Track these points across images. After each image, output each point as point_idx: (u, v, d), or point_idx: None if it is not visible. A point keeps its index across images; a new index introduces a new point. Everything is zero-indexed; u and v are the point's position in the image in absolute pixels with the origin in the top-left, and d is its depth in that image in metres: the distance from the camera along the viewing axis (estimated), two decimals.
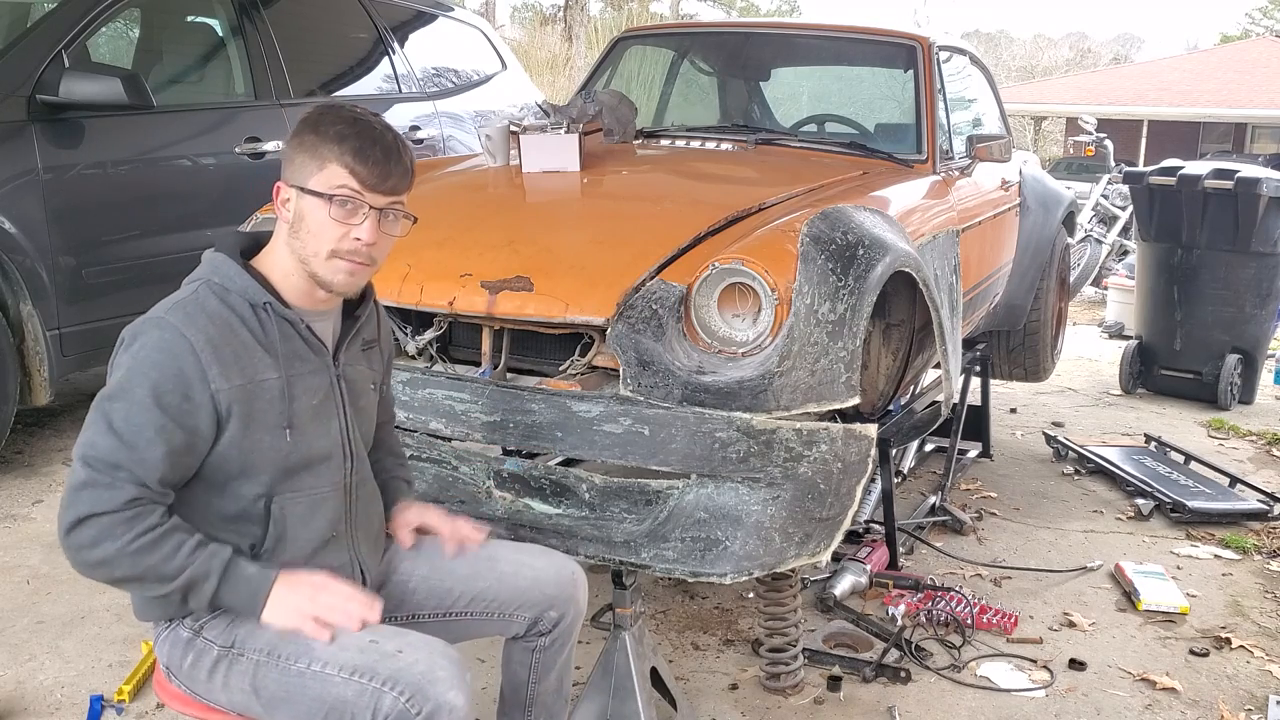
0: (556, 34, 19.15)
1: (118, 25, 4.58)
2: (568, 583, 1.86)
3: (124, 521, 1.49)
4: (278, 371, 1.60)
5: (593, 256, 2.51)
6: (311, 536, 1.66)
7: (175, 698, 1.69)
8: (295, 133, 1.63)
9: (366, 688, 1.51)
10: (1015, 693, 2.67)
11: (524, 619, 1.84)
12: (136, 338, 1.55)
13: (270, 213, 2.82)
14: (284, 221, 1.63)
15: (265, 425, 1.59)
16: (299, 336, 1.64)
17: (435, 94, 5.54)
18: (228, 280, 1.61)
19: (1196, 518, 3.86)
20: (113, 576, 1.53)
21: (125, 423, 1.50)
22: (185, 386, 1.52)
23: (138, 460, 1.50)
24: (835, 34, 4.06)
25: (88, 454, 1.51)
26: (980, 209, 3.78)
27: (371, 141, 1.60)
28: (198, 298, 1.58)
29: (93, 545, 1.50)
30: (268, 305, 1.61)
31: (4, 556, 3.14)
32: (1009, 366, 4.95)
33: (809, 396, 2.24)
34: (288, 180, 1.63)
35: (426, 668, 1.53)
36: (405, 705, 1.49)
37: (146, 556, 1.50)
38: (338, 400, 1.70)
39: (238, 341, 1.57)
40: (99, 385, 1.59)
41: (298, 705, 1.56)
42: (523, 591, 1.82)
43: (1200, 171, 5.37)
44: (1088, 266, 8.75)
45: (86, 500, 1.50)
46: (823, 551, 2.23)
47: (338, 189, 1.59)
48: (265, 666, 1.57)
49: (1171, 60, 28.63)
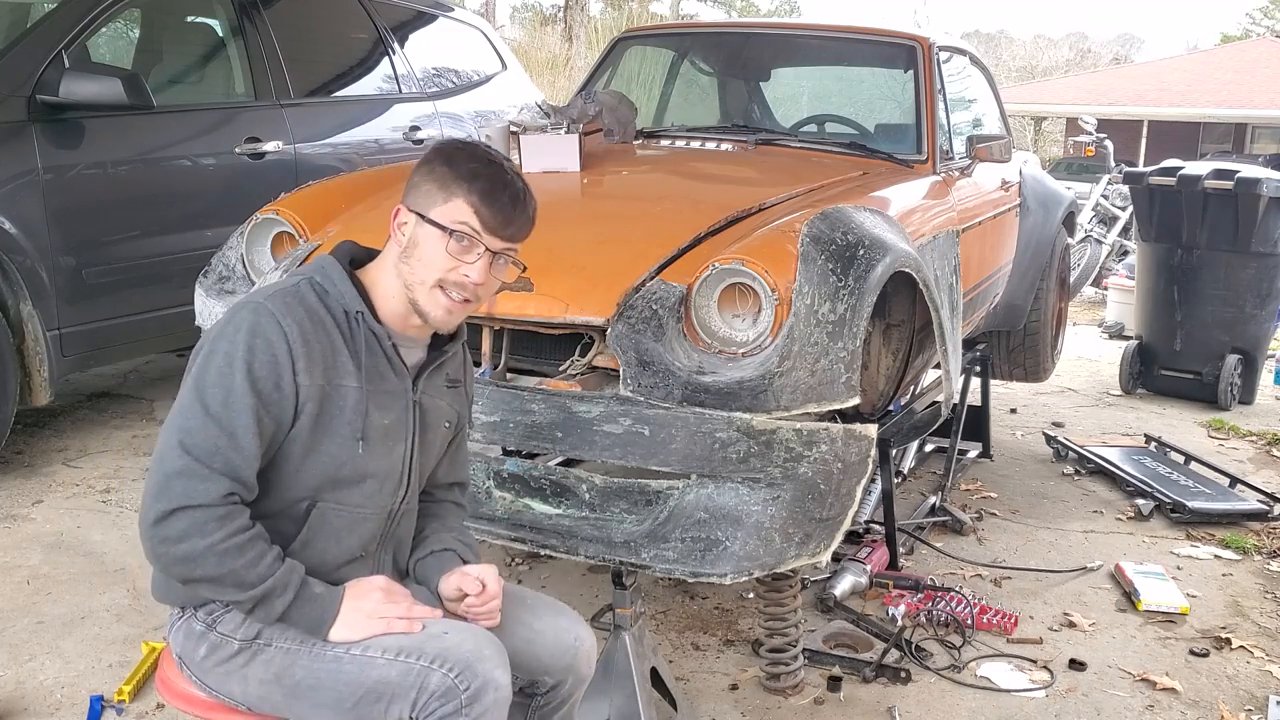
0: (556, 34, 19.15)
1: (118, 25, 4.58)
2: (567, 651, 1.75)
3: (216, 519, 1.47)
4: (358, 381, 1.60)
5: (593, 257, 2.51)
6: (340, 551, 1.65)
7: (178, 695, 1.68)
8: (426, 160, 1.63)
9: (413, 667, 1.54)
10: (1015, 693, 2.67)
11: (516, 680, 1.71)
12: (231, 320, 1.54)
13: (270, 213, 2.85)
14: (397, 244, 1.63)
15: (332, 431, 1.58)
16: (383, 353, 1.64)
17: (435, 94, 5.53)
18: (329, 283, 1.61)
19: (1196, 518, 3.86)
20: (192, 574, 1.50)
21: (223, 406, 1.49)
22: (278, 374, 1.52)
23: (235, 448, 1.48)
24: (835, 34, 4.07)
25: (185, 439, 1.48)
26: (980, 209, 3.78)
27: (502, 186, 1.61)
28: (298, 291, 1.59)
29: (180, 539, 1.47)
30: (360, 314, 1.61)
31: (4, 556, 3.14)
32: (1009, 367, 4.95)
33: (809, 397, 2.24)
34: (409, 205, 1.62)
35: (474, 646, 1.56)
36: (454, 680, 1.52)
37: (232, 560, 1.48)
38: (410, 426, 1.69)
39: (327, 341, 1.57)
40: (99, 385, 1.59)
41: (327, 692, 1.56)
42: (516, 653, 1.69)
43: (1200, 172, 5.37)
44: (1088, 266, 8.75)
45: (180, 490, 1.47)
46: (823, 552, 2.23)
47: (459, 224, 1.59)
48: (295, 655, 1.57)
49: (1171, 60, 28.62)
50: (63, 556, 3.16)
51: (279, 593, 1.52)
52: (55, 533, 3.32)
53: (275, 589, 1.52)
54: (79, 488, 3.67)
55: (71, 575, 3.04)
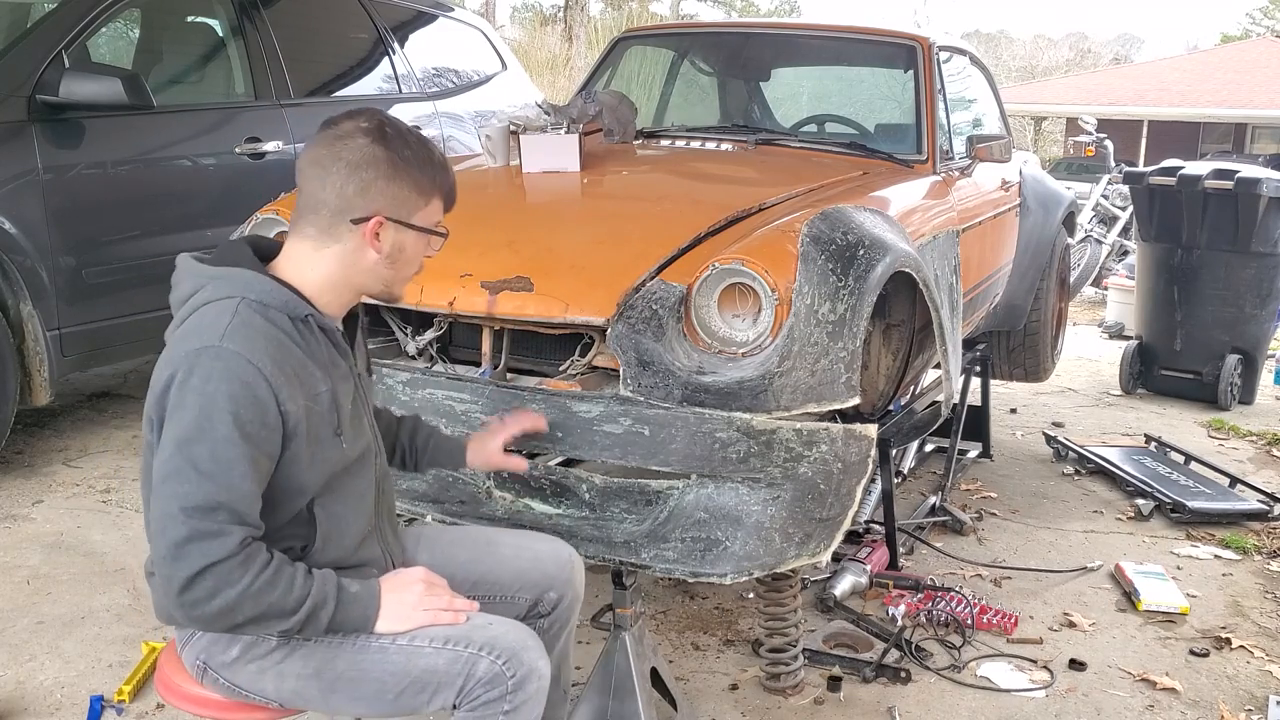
0: (556, 34, 19.16)
1: (118, 25, 4.58)
2: (565, 564, 1.92)
3: (239, 565, 1.46)
4: (327, 384, 1.60)
5: (593, 256, 2.51)
6: (354, 534, 1.68)
7: (179, 696, 1.68)
8: (390, 162, 1.58)
9: (462, 654, 1.58)
10: (1015, 693, 2.67)
11: (524, 600, 1.89)
12: (194, 370, 1.48)
13: (270, 213, 2.84)
14: (376, 252, 1.61)
15: (321, 437, 1.59)
16: (334, 344, 1.65)
17: (435, 94, 5.54)
18: (264, 295, 1.55)
19: (1196, 518, 3.86)
20: (235, 622, 1.49)
21: (213, 462, 1.46)
22: (262, 413, 1.49)
23: (236, 497, 1.46)
24: (835, 34, 4.06)
25: (185, 505, 1.45)
26: (980, 209, 3.78)
27: (445, 169, 1.67)
28: (242, 319, 1.51)
29: (212, 596, 1.46)
30: (309, 318, 1.60)
31: (4, 556, 3.14)
32: (1009, 367, 4.95)
33: (809, 397, 2.24)
34: (386, 214, 1.60)
35: (518, 636, 1.63)
36: (502, 667, 1.58)
37: (268, 595, 1.48)
38: (362, 398, 1.73)
39: (294, 359, 1.55)
40: (99, 385, 1.59)
41: (370, 684, 1.59)
42: (523, 572, 1.88)
43: (1200, 172, 5.37)
44: (1088, 266, 8.75)
45: (197, 554, 1.45)
46: (823, 552, 2.23)
47: (439, 225, 1.67)
48: (339, 648, 1.59)
49: (1171, 60, 28.61)
50: (63, 556, 3.16)
51: (322, 606, 1.53)
52: (55, 533, 3.32)
53: (318, 605, 1.53)
54: (79, 488, 3.68)
55: (71, 575, 3.04)
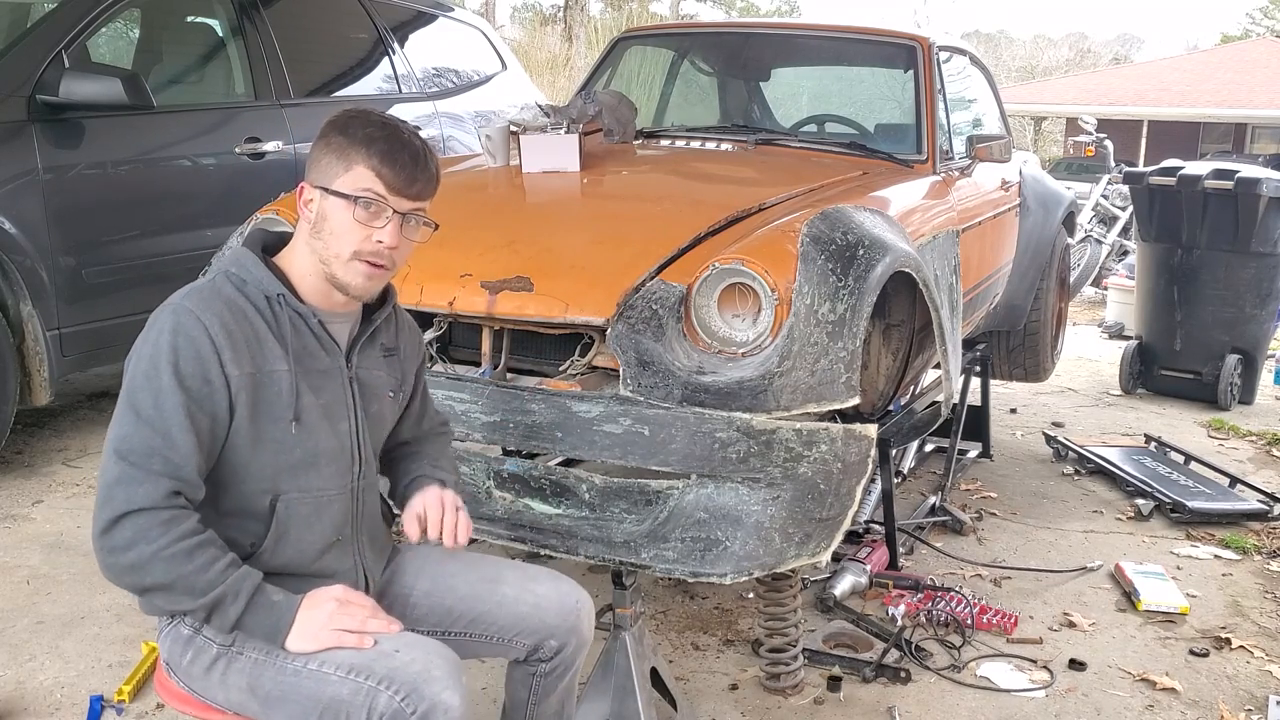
0: (556, 34, 19.17)
1: (118, 25, 4.58)
2: (570, 613, 1.82)
3: (161, 523, 1.47)
4: (288, 365, 1.60)
5: (593, 257, 2.51)
6: (315, 539, 1.65)
7: (175, 696, 1.68)
8: (322, 134, 1.63)
9: (362, 686, 1.51)
10: (1015, 693, 2.67)
11: (523, 645, 1.81)
12: (152, 325, 1.55)
13: (270, 213, 2.84)
14: (306, 221, 1.63)
15: (271, 417, 1.58)
16: (310, 332, 1.64)
17: (435, 94, 5.54)
18: (245, 272, 1.61)
19: (1196, 518, 3.86)
20: (143, 584, 1.50)
21: (154, 409, 1.49)
22: (204, 369, 1.52)
23: (171, 446, 1.49)
24: (835, 34, 4.06)
25: (120, 447, 1.49)
26: (980, 209, 3.78)
27: (400, 146, 1.61)
28: (215, 285, 1.60)
29: (128, 547, 1.47)
30: (281, 297, 1.61)
31: (4, 556, 3.14)
32: (1009, 366, 4.95)
33: (809, 397, 2.24)
34: (312, 181, 1.62)
35: (422, 667, 1.52)
36: (400, 704, 1.49)
37: (181, 565, 1.48)
38: (349, 402, 1.69)
39: (251, 329, 1.57)
40: (99, 385, 1.60)
41: (294, 704, 1.55)
42: (523, 618, 1.79)
43: (1200, 172, 5.37)
44: (1088, 266, 8.75)
45: (122, 496, 1.47)
46: (823, 552, 2.23)
47: (363, 191, 1.59)
48: (263, 665, 1.56)
49: (1171, 60, 28.61)
50: (63, 556, 3.16)
51: (231, 599, 1.50)
52: (55, 533, 3.32)
53: (227, 595, 1.50)
54: (79, 488, 3.67)
55: (71, 575, 3.04)
